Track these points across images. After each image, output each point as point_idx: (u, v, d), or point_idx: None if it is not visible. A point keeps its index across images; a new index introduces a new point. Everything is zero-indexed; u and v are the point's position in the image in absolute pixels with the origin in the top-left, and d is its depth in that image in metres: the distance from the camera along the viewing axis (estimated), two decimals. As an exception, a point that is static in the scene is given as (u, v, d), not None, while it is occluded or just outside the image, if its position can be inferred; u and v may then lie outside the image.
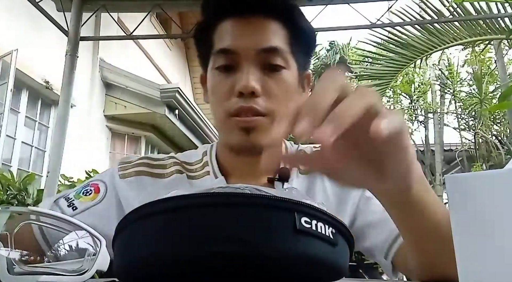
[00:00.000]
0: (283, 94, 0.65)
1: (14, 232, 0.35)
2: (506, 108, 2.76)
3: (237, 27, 0.65)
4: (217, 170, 0.71)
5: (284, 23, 0.66)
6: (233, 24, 0.66)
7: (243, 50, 0.63)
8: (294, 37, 0.67)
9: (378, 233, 0.65)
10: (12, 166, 4.09)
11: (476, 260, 0.29)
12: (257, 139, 0.64)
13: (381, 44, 3.92)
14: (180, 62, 8.46)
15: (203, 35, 0.69)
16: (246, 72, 0.62)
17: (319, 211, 0.30)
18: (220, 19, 0.67)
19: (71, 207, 0.66)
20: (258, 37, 0.64)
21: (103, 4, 2.87)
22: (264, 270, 0.30)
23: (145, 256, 0.30)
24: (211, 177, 0.71)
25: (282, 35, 0.66)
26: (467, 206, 0.30)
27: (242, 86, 0.62)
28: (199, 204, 0.29)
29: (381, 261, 0.67)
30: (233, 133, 0.65)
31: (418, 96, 6.74)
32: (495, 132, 5.86)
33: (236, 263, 0.29)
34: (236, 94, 0.63)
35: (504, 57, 4.76)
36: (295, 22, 0.67)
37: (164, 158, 0.75)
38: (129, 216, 0.32)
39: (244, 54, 0.63)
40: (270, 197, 0.29)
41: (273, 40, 0.64)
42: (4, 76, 3.65)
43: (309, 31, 0.70)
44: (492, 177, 0.30)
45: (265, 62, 0.64)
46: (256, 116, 0.63)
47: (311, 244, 0.29)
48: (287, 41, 0.66)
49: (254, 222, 0.29)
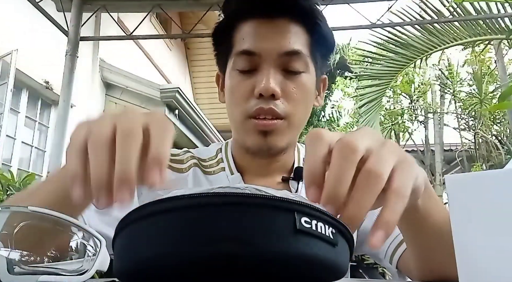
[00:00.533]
0: (302, 97, 0.65)
1: (14, 232, 0.35)
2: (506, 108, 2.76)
3: (260, 29, 0.65)
4: (233, 166, 0.72)
5: (305, 26, 0.66)
6: (256, 26, 0.65)
7: (265, 52, 0.63)
8: (315, 41, 0.67)
9: None
10: (12, 166, 4.09)
11: (476, 260, 0.29)
12: (273, 142, 0.64)
13: (381, 44, 3.92)
14: (180, 62, 8.45)
15: (223, 35, 0.69)
16: (267, 75, 0.62)
17: (319, 211, 0.30)
18: (242, 20, 0.66)
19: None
20: (281, 40, 0.64)
21: (103, 4, 2.87)
22: (264, 270, 0.30)
23: (145, 257, 0.30)
24: (226, 172, 0.71)
25: (303, 39, 0.65)
26: (467, 206, 0.30)
27: (263, 88, 0.61)
28: (199, 204, 0.29)
29: (387, 266, 0.67)
30: (250, 135, 0.65)
31: (418, 96, 6.74)
32: (495, 133, 5.86)
33: (235, 263, 0.29)
34: (255, 96, 0.63)
35: (504, 57, 4.76)
36: (317, 26, 0.67)
37: (179, 153, 0.75)
38: (128, 216, 0.32)
39: (266, 56, 0.63)
40: (269, 197, 0.29)
41: (295, 43, 0.64)
42: (4, 76, 3.65)
43: (329, 35, 0.70)
44: (492, 177, 0.30)
45: (286, 66, 0.64)
46: (274, 119, 0.63)
47: (311, 244, 0.29)
48: (308, 45, 0.66)
49: (254, 222, 0.29)
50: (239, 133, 0.69)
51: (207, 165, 0.73)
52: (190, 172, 0.71)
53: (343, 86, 9.10)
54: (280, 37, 0.64)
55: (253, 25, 0.65)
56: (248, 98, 0.64)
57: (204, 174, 0.72)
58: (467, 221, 0.30)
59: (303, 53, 0.64)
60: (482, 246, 0.29)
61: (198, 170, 0.72)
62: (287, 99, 0.64)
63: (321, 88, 0.74)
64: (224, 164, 0.73)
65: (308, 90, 0.66)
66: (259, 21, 0.65)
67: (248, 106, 0.64)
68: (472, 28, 3.41)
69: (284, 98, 0.64)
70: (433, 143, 6.34)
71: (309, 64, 0.66)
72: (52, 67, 4.02)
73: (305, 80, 0.65)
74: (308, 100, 0.68)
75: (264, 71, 0.63)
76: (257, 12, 0.65)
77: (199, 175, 0.72)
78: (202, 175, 0.72)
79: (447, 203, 0.32)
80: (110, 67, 5.38)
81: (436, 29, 3.55)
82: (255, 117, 0.63)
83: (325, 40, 0.69)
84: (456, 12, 3.04)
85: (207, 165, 0.73)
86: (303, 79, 0.65)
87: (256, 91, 0.62)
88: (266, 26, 0.65)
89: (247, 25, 0.66)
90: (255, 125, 0.64)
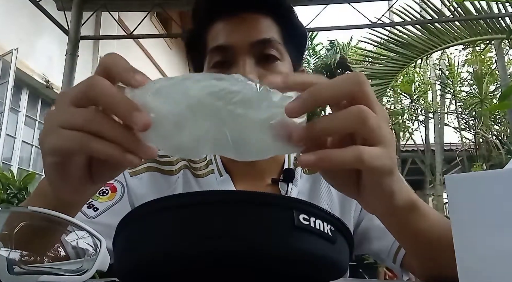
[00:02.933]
0: None
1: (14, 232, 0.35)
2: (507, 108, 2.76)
3: (229, 25, 0.66)
4: (222, 168, 0.71)
5: (274, 18, 0.67)
6: (226, 23, 0.66)
7: (237, 44, 0.64)
8: (286, 31, 0.68)
9: (384, 237, 0.65)
10: (13, 165, 4.09)
11: (476, 260, 0.29)
12: None
13: (382, 43, 3.92)
14: (180, 61, 8.45)
15: (196, 40, 0.70)
16: (242, 65, 0.63)
17: (317, 208, 0.30)
18: (212, 21, 0.67)
19: (92, 208, 0.64)
20: (251, 31, 0.65)
21: (103, 3, 2.87)
22: (263, 267, 0.30)
23: (145, 255, 0.30)
24: (215, 175, 0.71)
25: (274, 29, 0.67)
26: (467, 206, 0.30)
27: None
28: (197, 202, 0.29)
29: (390, 266, 0.67)
30: None
31: (419, 96, 6.74)
32: (495, 132, 5.86)
33: (235, 261, 0.29)
34: None
35: (505, 57, 4.76)
36: (285, 17, 0.68)
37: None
38: (128, 216, 0.32)
39: (239, 48, 0.64)
40: (268, 195, 0.30)
41: (266, 32, 0.65)
42: (5, 76, 3.65)
43: (299, 26, 0.71)
44: (492, 177, 0.30)
45: (260, 54, 0.64)
46: None
47: (310, 241, 0.29)
48: (280, 34, 0.67)
49: (253, 219, 0.29)
50: None
51: (197, 167, 0.73)
52: (180, 174, 0.71)
53: (343, 85, 9.06)
54: (250, 28, 0.65)
55: (223, 23, 0.66)
56: None
57: (194, 176, 0.72)
58: (467, 221, 0.30)
59: (275, 40, 0.65)
60: (482, 246, 0.29)
61: (189, 172, 0.72)
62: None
63: None
64: (213, 166, 0.72)
65: None
66: (228, 19, 0.66)
67: None
68: (472, 27, 3.41)
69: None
70: (433, 143, 6.34)
71: (283, 52, 0.67)
72: (52, 66, 4.02)
73: (280, 67, 0.66)
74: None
75: (239, 63, 0.63)
76: (224, 11, 0.66)
77: (190, 177, 0.71)
78: (193, 178, 0.71)
79: (447, 203, 0.32)
80: (111, 67, 5.38)
81: (437, 29, 3.54)
82: None
83: (296, 31, 0.70)
84: (457, 11, 3.04)
85: (197, 167, 0.73)
86: (278, 67, 0.65)
87: None
88: (235, 21, 0.66)
89: (217, 25, 0.67)
90: None
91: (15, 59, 3.64)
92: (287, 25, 0.68)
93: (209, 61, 0.66)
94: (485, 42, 3.79)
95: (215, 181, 0.70)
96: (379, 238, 0.66)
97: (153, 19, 6.74)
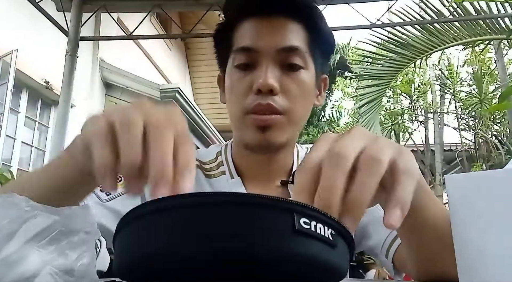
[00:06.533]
0: (300, 93, 0.65)
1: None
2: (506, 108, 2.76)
3: (258, 27, 0.66)
4: (233, 170, 0.72)
5: (304, 24, 0.67)
6: (254, 24, 0.66)
7: (263, 48, 0.64)
8: (314, 39, 0.67)
9: (381, 230, 0.65)
10: (12, 166, 4.09)
11: (476, 259, 0.29)
12: (273, 137, 0.64)
13: (381, 44, 3.92)
14: (180, 62, 8.45)
15: (223, 35, 0.70)
16: (265, 70, 0.63)
17: (319, 212, 0.30)
18: (241, 19, 0.67)
19: (105, 192, 0.63)
20: (279, 37, 0.65)
21: (103, 4, 2.87)
22: (262, 271, 0.30)
23: (145, 255, 0.30)
24: (227, 176, 0.71)
25: (301, 36, 0.66)
26: (467, 206, 0.30)
27: (261, 83, 0.62)
28: (198, 202, 0.29)
29: (383, 261, 0.67)
30: (248, 131, 0.65)
31: (418, 96, 6.75)
32: (495, 132, 5.86)
33: (234, 264, 0.29)
34: (254, 91, 0.63)
35: (504, 57, 4.76)
36: (315, 24, 0.68)
37: None
38: (128, 215, 0.32)
39: (264, 52, 0.64)
40: (268, 197, 0.30)
41: (293, 40, 0.65)
42: (4, 76, 3.65)
43: (328, 33, 0.71)
44: (492, 177, 0.30)
45: (284, 62, 0.64)
46: (273, 115, 0.63)
47: (310, 245, 0.29)
48: (307, 42, 0.66)
49: (252, 222, 0.29)
50: (238, 130, 0.69)
51: (208, 168, 0.73)
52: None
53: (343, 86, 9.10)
54: (278, 34, 0.65)
55: (252, 23, 0.66)
56: (246, 95, 0.64)
57: (206, 177, 0.72)
58: (467, 220, 0.30)
59: (301, 49, 0.65)
60: (482, 245, 0.29)
61: (200, 172, 0.72)
62: (285, 95, 0.64)
63: (321, 87, 0.74)
64: (224, 167, 0.73)
65: (307, 87, 0.67)
66: (257, 19, 0.66)
67: (247, 102, 0.64)
68: (472, 28, 3.41)
69: (283, 94, 0.64)
70: (433, 143, 6.34)
71: (308, 61, 0.66)
72: (52, 67, 4.02)
73: (304, 76, 0.66)
74: (307, 97, 0.68)
75: (262, 67, 0.63)
76: (255, 11, 0.66)
77: (201, 178, 0.72)
78: (204, 178, 0.72)
79: (447, 203, 0.32)
80: (110, 67, 5.38)
81: (436, 29, 3.55)
82: (254, 113, 0.64)
83: (324, 39, 0.69)
84: (456, 12, 3.04)
85: (207, 168, 0.73)
86: (302, 76, 0.65)
87: (254, 87, 0.63)
88: (264, 24, 0.66)
89: (246, 24, 0.66)
90: (254, 120, 0.64)
91: (14, 60, 3.64)
92: (316, 32, 0.68)
93: (234, 61, 0.67)
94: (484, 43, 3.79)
95: (226, 182, 0.71)
96: (376, 232, 0.67)
97: (153, 20, 6.74)
